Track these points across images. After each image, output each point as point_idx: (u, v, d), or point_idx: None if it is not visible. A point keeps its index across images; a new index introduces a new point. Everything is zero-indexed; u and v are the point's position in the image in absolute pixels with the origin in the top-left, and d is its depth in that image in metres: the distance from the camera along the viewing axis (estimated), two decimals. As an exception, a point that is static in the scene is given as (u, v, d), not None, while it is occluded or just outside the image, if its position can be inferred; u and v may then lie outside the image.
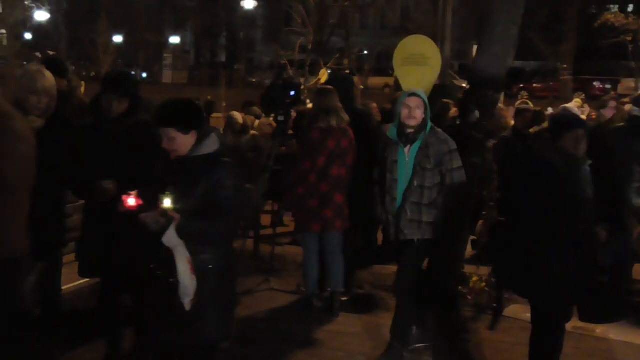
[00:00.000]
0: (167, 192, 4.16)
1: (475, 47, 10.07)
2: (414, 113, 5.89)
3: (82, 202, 5.71)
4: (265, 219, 10.12)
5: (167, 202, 4.12)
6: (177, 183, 4.24)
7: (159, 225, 4.12)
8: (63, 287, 5.71)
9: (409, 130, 5.93)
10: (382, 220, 6.24)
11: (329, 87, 7.41)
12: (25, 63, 20.41)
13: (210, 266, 4.27)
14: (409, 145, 5.96)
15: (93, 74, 43.62)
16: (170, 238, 4.13)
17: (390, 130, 6.10)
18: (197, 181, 4.23)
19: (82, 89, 9.70)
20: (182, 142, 4.26)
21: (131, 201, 4.23)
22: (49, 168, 4.71)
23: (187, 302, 4.24)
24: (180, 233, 4.12)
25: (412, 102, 5.93)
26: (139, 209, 4.22)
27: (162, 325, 4.43)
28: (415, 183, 5.90)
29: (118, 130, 5.24)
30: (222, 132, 11.04)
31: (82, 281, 6.02)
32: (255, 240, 8.98)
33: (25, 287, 4.56)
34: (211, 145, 4.33)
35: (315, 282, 7.32)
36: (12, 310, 4.41)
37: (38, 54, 30.76)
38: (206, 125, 4.47)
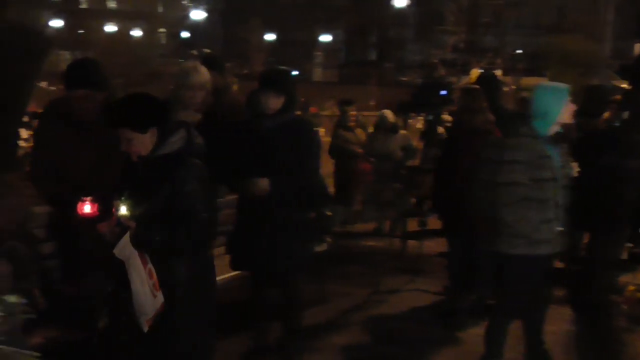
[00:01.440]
0: (122, 198, 3.79)
1: (637, 46, 9.66)
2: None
3: (233, 196, 5.84)
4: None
5: (123, 209, 3.76)
6: (138, 186, 3.86)
7: (115, 235, 3.80)
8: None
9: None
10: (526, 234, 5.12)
11: (475, 86, 7.26)
12: (181, 60, 21.23)
13: (178, 280, 3.86)
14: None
15: (245, 71, 44.71)
16: (122, 249, 3.75)
17: (540, 127, 5.18)
18: (159, 183, 3.82)
19: (235, 87, 9.95)
20: (141, 142, 3.85)
21: (87, 208, 3.93)
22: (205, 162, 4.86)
23: (143, 321, 3.82)
24: (136, 242, 3.74)
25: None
26: (97, 216, 3.92)
27: (122, 348, 3.98)
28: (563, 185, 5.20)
29: (273, 126, 5.34)
30: (371, 130, 11.15)
31: (233, 273, 6.17)
32: (402, 239, 8.94)
33: None
34: (176, 143, 3.93)
35: (462, 283, 7.23)
36: None
37: (194, 52, 31.82)
38: (172, 121, 4.06)
